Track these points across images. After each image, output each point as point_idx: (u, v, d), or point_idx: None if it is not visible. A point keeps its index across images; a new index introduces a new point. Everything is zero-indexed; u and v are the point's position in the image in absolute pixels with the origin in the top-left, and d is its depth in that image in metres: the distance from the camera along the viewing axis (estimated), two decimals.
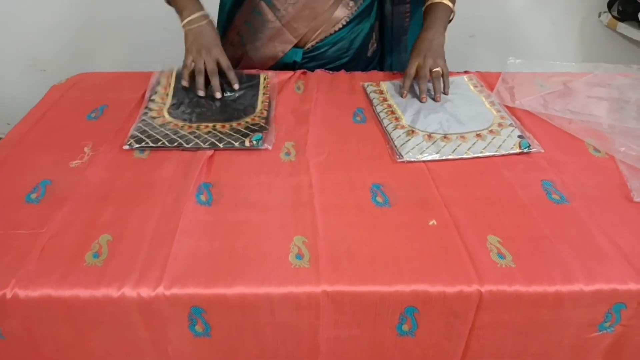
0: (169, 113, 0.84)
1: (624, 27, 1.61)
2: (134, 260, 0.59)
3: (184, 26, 0.90)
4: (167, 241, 0.61)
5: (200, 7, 0.91)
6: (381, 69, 1.09)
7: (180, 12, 0.91)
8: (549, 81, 0.99)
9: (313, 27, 0.96)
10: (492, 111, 0.86)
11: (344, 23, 0.97)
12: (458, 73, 1.01)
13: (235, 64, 1.01)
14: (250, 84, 0.91)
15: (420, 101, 0.87)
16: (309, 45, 0.98)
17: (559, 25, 1.77)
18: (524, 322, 0.58)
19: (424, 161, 0.74)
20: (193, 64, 0.87)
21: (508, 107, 0.89)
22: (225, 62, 0.88)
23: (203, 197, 0.68)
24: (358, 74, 0.99)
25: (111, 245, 0.61)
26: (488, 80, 0.98)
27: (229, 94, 0.88)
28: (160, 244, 0.60)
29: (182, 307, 0.56)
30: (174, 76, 0.92)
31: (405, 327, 0.58)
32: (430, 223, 0.63)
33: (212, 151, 0.76)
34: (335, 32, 0.98)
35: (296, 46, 0.98)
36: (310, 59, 1.00)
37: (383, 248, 0.60)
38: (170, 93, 0.89)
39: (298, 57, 0.99)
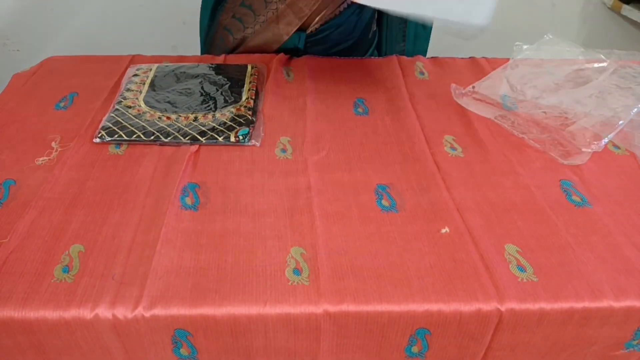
0: (145, 102, 0.75)
1: (629, 10, 1.55)
2: (109, 275, 0.51)
3: None
4: (147, 253, 0.54)
5: None
6: (379, 55, 1.02)
7: None
8: (560, 69, 0.92)
9: (318, 8, 0.87)
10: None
11: (349, 2, 0.89)
12: (463, 59, 0.94)
13: (232, 49, 0.93)
14: (236, 74, 0.83)
15: None
16: (312, 29, 0.90)
17: (559, 6, 1.70)
18: (545, 341, 0.53)
19: None
20: None
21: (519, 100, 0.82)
22: None
23: (189, 200, 0.61)
24: (354, 60, 0.92)
25: (83, 258, 0.53)
26: (495, 67, 0.91)
27: (212, 87, 0.79)
28: (139, 257, 0.53)
29: (164, 329, 0.50)
30: (153, 69, 0.83)
31: (415, 349, 0.52)
32: (443, 231, 0.57)
33: (197, 146, 0.69)
34: (340, 12, 0.90)
35: (299, 30, 0.90)
36: (313, 44, 0.92)
37: (391, 261, 0.53)
38: (148, 82, 0.80)
39: (301, 43, 0.91)
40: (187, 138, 0.69)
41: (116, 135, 0.68)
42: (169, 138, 0.69)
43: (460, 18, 0.60)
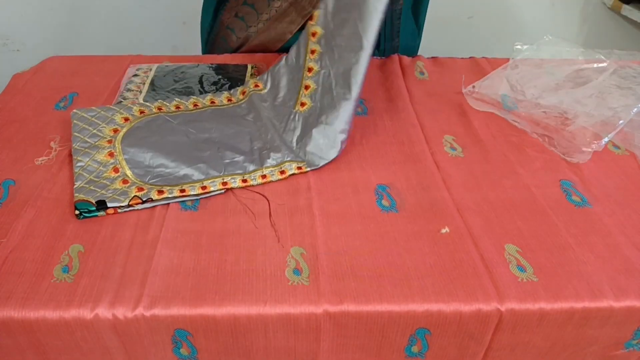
0: (145, 102, 0.75)
1: (629, 10, 1.55)
2: (109, 275, 0.52)
3: None
4: (147, 253, 0.54)
5: None
6: (377, 51, 1.02)
7: None
8: (560, 69, 0.92)
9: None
10: None
11: None
12: (463, 59, 0.94)
13: (236, 48, 0.93)
14: (236, 74, 0.83)
15: None
16: None
17: (559, 6, 1.70)
18: (545, 341, 0.53)
19: None
20: None
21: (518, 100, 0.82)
22: None
23: (188, 200, 0.60)
24: None
25: (82, 257, 0.53)
26: (495, 67, 0.91)
27: (212, 86, 0.79)
28: (139, 257, 0.53)
29: (164, 329, 0.50)
30: (153, 69, 0.83)
31: (415, 349, 0.52)
32: (443, 231, 0.57)
33: None
34: None
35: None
36: None
37: (391, 261, 0.53)
38: (148, 82, 0.80)
39: None
40: None
41: None
42: None
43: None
